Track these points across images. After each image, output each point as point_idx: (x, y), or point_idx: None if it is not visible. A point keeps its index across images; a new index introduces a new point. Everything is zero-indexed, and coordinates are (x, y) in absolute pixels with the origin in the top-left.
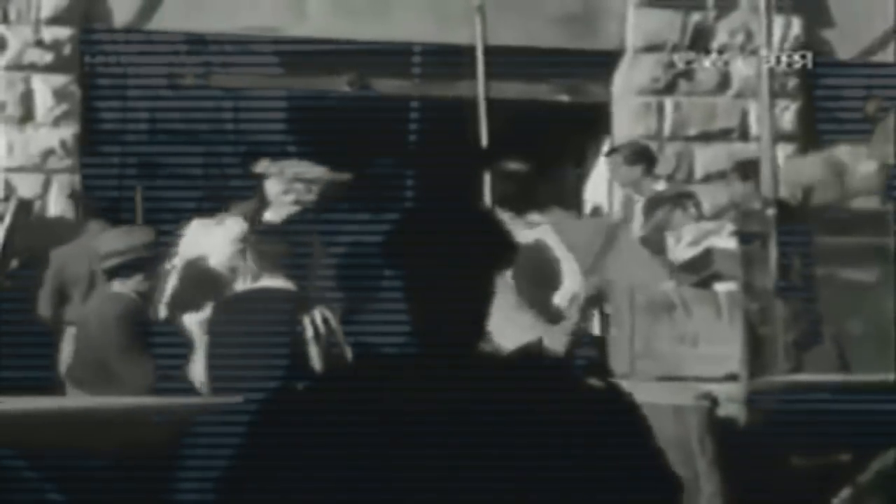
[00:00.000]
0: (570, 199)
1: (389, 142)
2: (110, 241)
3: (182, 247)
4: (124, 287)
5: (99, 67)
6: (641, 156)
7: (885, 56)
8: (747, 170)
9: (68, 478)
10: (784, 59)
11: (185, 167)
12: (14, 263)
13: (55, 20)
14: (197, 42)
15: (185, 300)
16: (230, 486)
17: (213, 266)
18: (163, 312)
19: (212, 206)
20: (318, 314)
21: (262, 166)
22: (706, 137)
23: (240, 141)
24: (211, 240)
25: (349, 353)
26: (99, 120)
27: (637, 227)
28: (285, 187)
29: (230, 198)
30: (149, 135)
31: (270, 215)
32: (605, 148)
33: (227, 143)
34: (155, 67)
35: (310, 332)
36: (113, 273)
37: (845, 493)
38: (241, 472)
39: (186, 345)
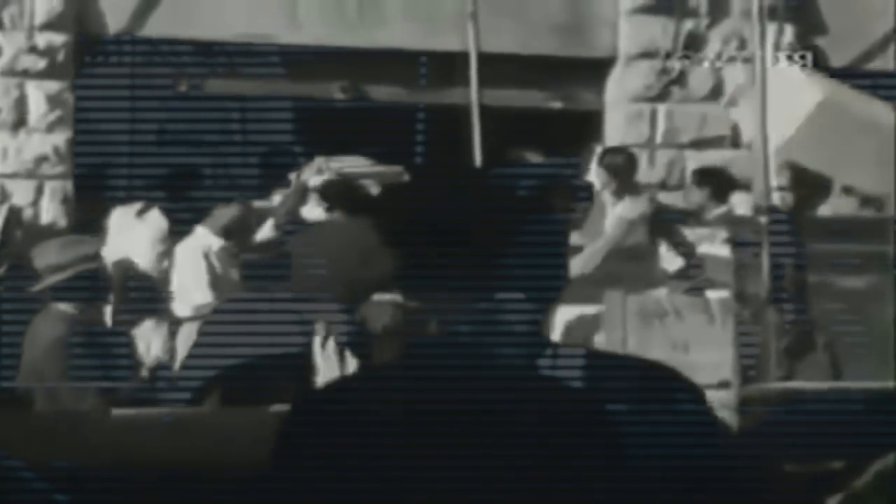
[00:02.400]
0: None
1: (386, 147)
2: (49, 254)
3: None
4: (68, 305)
5: (99, 69)
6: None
7: (885, 61)
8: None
9: (69, 479)
10: (783, 60)
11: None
12: (3, 268)
13: (49, 26)
14: (195, 47)
15: (125, 306)
16: (259, 488)
17: (142, 268)
18: (108, 320)
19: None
20: (327, 318)
21: (317, 164)
22: (698, 145)
23: (244, 142)
24: (132, 237)
25: (356, 356)
26: (95, 121)
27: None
28: None
29: (231, 201)
30: (150, 138)
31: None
32: (600, 152)
33: (231, 145)
34: (153, 71)
35: (321, 336)
36: (54, 290)
37: (842, 496)
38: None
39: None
